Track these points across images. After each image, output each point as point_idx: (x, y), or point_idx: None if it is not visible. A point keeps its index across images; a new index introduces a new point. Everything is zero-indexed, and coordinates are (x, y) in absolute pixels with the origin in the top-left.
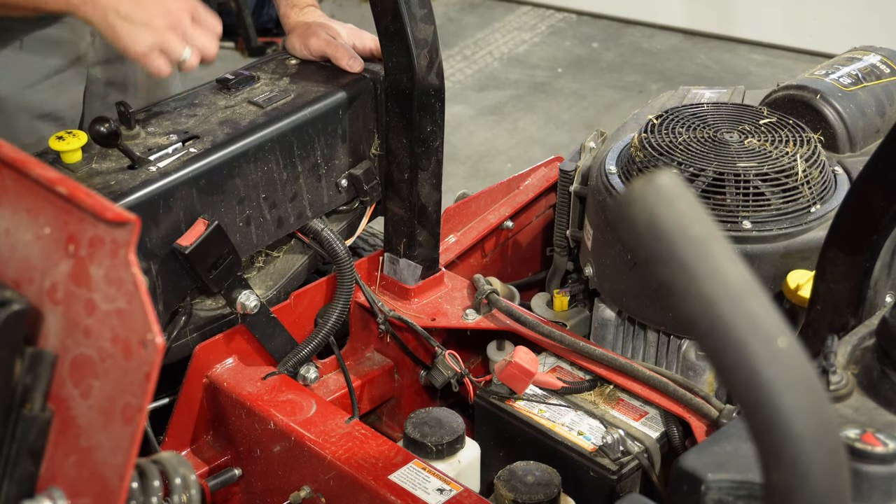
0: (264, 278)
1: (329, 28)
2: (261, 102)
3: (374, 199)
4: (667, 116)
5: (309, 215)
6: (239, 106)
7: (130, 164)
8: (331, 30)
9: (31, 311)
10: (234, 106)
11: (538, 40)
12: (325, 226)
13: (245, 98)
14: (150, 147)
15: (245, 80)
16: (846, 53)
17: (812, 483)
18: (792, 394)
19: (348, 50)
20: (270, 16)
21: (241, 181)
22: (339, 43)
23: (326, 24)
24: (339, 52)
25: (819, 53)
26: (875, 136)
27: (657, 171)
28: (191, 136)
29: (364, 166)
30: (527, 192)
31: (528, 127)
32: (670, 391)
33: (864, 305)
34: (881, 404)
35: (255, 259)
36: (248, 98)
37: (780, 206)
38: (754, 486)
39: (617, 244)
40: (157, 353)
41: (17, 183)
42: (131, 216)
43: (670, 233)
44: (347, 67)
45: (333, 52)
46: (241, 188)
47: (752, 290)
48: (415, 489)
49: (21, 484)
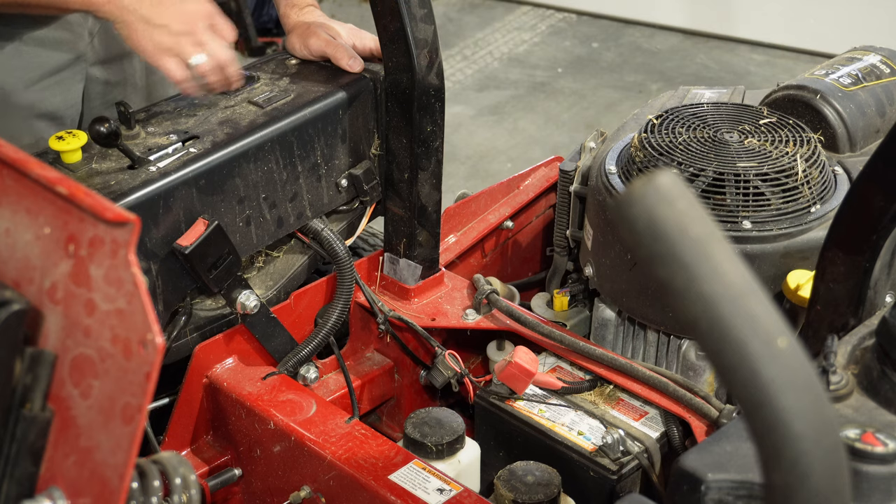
0: (264, 278)
1: (329, 28)
2: (261, 102)
3: (374, 199)
4: (667, 116)
5: (309, 215)
6: (239, 106)
7: (130, 164)
8: (330, 30)
9: (31, 311)
10: (233, 106)
11: (538, 40)
12: (325, 226)
13: (245, 98)
14: (150, 147)
15: (245, 80)
16: (846, 53)
17: (812, 483)
18: (792, 394)
19: (348, 50)
20: (270, 16)
21: (241, 181)
22: (339, 43)
23: (326, 24)
24: (339, 52)
25: (819, 53)
26: (875, 136)
27: (657, 171)
28: (191, 136)
29: (364, 166)
30: (527, 192)
31: (528, 127)
32: (670, 391)
33: (864, 305)
34: (881, 404)
35: (255, 259)
36: (248, 98)
37: (780, 206)
38: (754, 486)
39: (617, 244)
40: (157, 353)
41: (17, 183)
42: (131, 216)
43: (670, 233)
44: (347, 67)
45: (333, 52)
46: (240, 188)
47: (752, 291)
48: (415, 489)
49: (21, 484)
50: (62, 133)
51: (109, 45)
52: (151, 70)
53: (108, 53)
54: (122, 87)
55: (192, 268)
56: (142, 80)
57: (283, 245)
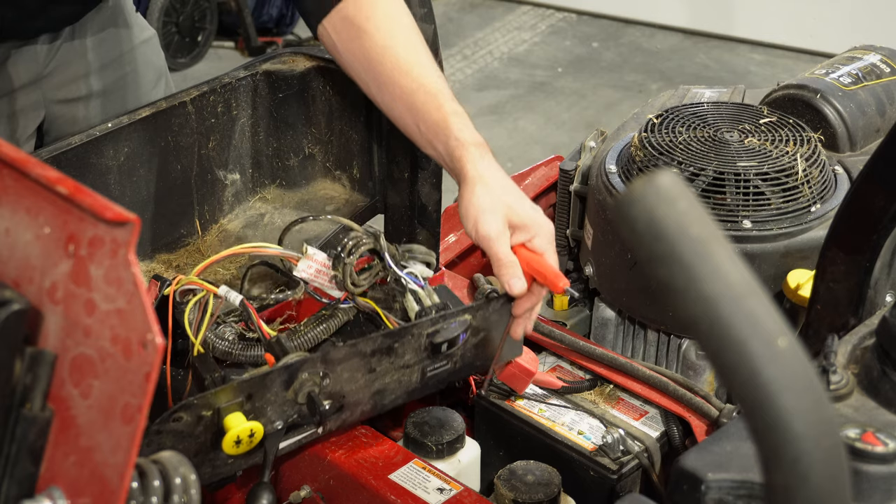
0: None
1: (544, 234)
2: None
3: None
4: (667, 116)
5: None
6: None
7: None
8: (543, 238)
9: (31, 310)
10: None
11: (538, 40)
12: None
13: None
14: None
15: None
16: (846, 53)
17: (812, 483)
18: (792, 394)
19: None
20: (270, 16)
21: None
22: (545, 262)
23: (540, 220)
24: (516, 275)
25: (819, 53)
26: (875, 136)
27: (657, 171)
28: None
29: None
30: (526, 192)
31: (527, 126)
32: (670, 391)
33: (864, 305)
34: (881, 404)
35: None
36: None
37: (781, 205)
38: (754, 486)
39: (617, 244)
40: (157, 353)
41: (17, 182)
42: (131, 216)
43: (670, 232)
44: (509, 288)
45: (509, 272)
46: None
47: (753, 290)
48: (415, 489)
49: (21, 484)
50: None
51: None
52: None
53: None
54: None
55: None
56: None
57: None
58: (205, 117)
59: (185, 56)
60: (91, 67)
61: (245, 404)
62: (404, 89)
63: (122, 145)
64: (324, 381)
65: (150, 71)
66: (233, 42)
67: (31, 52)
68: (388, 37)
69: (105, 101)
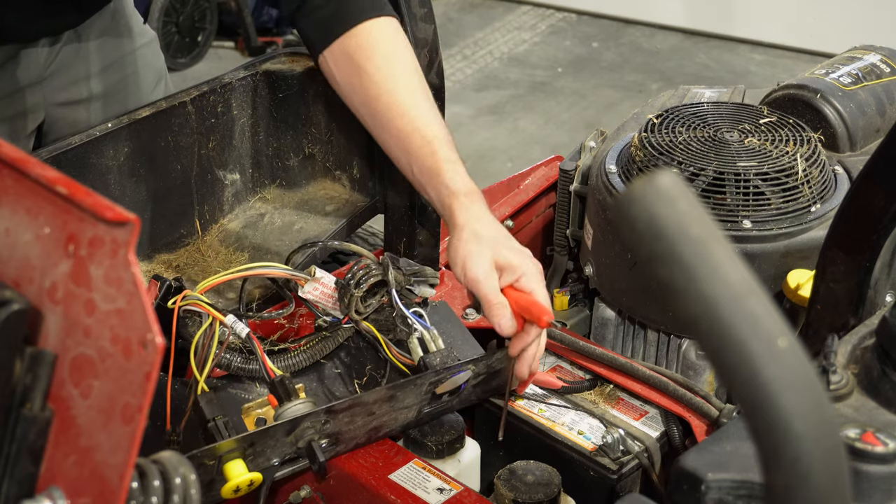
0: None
1: (531, 274)
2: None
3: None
4: (667, 116)
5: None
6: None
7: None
8: (530, 278)
9: (31, 310)
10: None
11: (538, 40)
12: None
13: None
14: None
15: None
16: (846, 52)
17: (812, 483)
18: (792, 394)
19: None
20: (270, 15)
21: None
22: (535, 300)
23: (527, 261)
24: (504, 315)
25: (819, 53)
26: (875, 136)
27: (657, 171)
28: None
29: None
30: (527, 192)
31: (527, 126)
32: (670, 390)
33: (864, 305)
34: (881, 404)
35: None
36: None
37: (781, 205)
38: (754, 486)
39: (617, 244)
40: (156, 353)
41: (17, 183)
42: (131, 216)
43: (670, 232)
44: (499, 328)
45: (498, 312)
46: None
47: (753, 290)
48: (415, 488)
49: (21, 484)
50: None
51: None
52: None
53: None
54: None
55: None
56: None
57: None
58: (205, 117)
59: (185, 56)
60: (91, 70)
61: (247, 451)
62: (400, 131)
63: (122, 145)
64: (325, 426)
65: (150, 74)
66: (233, 42)
67: (32, 55)
68: (388, 78)
69: (105, 104)
